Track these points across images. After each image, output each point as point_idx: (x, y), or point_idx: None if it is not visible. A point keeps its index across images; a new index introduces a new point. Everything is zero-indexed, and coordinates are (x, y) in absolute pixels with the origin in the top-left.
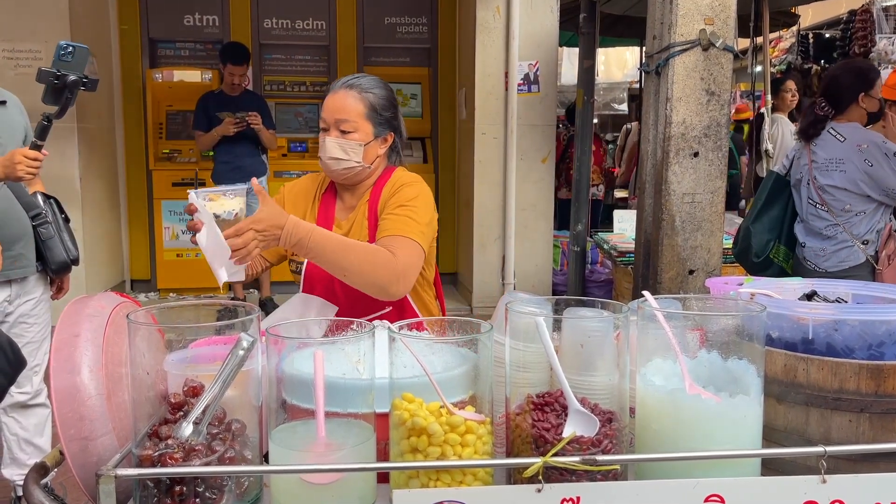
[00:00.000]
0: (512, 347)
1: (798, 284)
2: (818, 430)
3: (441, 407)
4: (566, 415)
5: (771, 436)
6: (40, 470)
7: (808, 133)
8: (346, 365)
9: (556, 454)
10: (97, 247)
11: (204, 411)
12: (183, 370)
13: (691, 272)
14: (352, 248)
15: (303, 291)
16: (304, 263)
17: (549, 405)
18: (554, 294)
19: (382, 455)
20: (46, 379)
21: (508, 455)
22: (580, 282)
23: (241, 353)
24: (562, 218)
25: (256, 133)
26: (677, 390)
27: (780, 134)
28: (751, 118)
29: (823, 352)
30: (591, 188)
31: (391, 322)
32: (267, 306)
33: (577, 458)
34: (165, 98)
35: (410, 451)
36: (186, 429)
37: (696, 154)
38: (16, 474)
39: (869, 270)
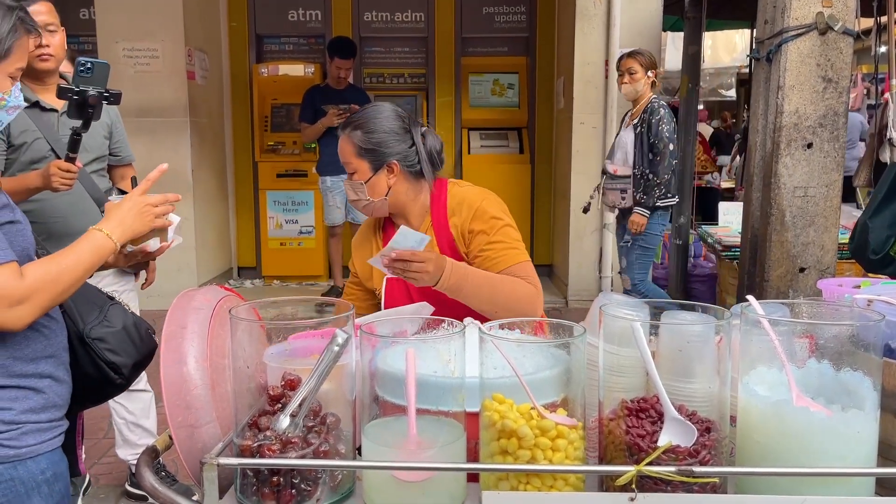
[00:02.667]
0: (606, 351)
1: None
2: None
3: (532, 409)
4: (662, 422)
5: (889, 453)
6: (151, 454)
7: None
8: (437, 363)
9: (650, 463)
10: (207, 235)
11: (300, 404)
12: (281, 363)
13: (802, 270)
14: (499, 285)
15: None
16: (382, 300)
17: (645, 411)
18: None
19: (472, 454)
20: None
21: (601, 461)
22: (682, 276)
23: (336, 348)
24: None
25: None
26: (783, 401)
27: None
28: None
29: None
30: (705, 176)
31: None
32: None
33: (672, 469)
34: (270, 92)
35: (500, 452)
36: (284, 421)
37: (809, 145)
38: (129, 454)
39: None
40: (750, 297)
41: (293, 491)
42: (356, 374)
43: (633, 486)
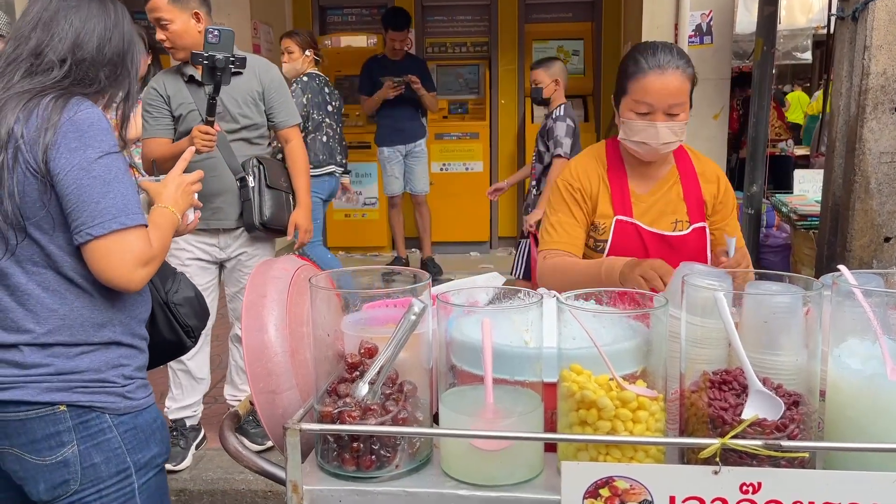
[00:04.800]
0: (688, 322)
1: None
2: None
3: (610, 380)
4: (746, 395)
5: None
6: (234, 418)
7: None
8: (513, 333)
9: (735, 437)
10: None
11: (378, 372)
12: (359, 332)
13: (887, 240)
14: None
15: None
16: (609, 242)
17: (728, 384)
18: None
19: (550, 424)
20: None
21: (682, 434)
22: (754, 247)
23: (413, 317)
24: (740, 178)
25: (417, 96)
26: (878, 375)
27: None
28: None
29: None
30: (778, 144)
31: None
32: (429, 266)
33: (759, 443)
34: (334, 63)
35: (579, 423)
36: (363, 388)
37: None
38: (230, 394)
39: None
40: (842, 267)
41: (373, 457)
42: (433, 342)
43: (717, 459)
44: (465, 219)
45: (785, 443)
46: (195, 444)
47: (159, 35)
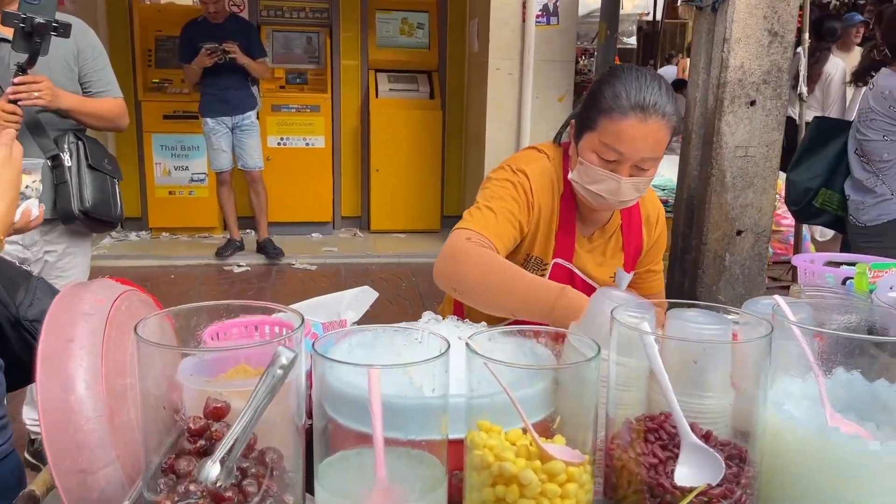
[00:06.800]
0: (613, 359)
1: None
2: None
3: (524, 433)
4: (676, 444)
5: None
6: (29, 501)
7: (861, 79)
8: (405, 381)
9: None
10: None
11: (232, 446)
12: (203, 384)
13: (739, 233)
14: None
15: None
16: (549, 271)
17: (653, 432)
18: None
19: (452, 489)
20: None
21: (606, 496)
22: None
23: (280, 372)
24: None
25: (240, 64)
26: (827, 428)
27: (830, 77)
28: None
29: None
30: None
31: None
32: (267, 248)
33: None
34: (154, 23)
35: (494, 501)
36: (212, 469)
37: (752, 102)
38: (29, 417)
39: None
40: (777, 298)
41: None
42: (304, 391)
43: None
44: (305, 198)
45: None
46: None
47: None
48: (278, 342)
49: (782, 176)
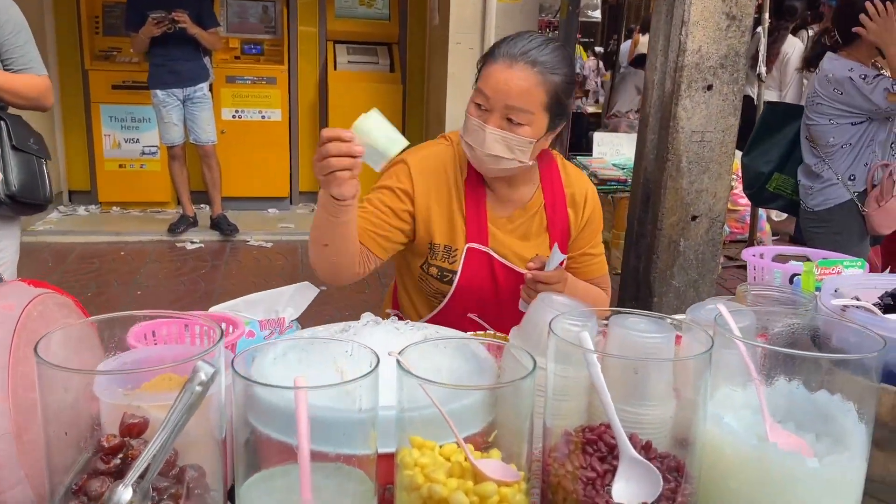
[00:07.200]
0: (551, 369)
1: (880, 280)
2: None
3: (458, 448)
4: (615, 456)
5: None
6: None
7: (812, 64)
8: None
9: None
10: None
11: (148, 468)
12: (119, 398)
13: (694, 218)
14: (586, 299)
15: (449, 302)
16: (458, 275)
17: (592, 444)
18: None
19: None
20: None
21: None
22: None
23: (199, 388)
24: None
25: (190, 34)
26: (766, 444)
27: (787, 56)
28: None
29: None
30: (575, 101)
31: None
32: (221, 224)
33: None
34: None
35: None
36: (123, 494)
37: (709, 87)
38: None
39: (855, 212)
40: (720, 306)
41: None
42: (226, 402)
43: None
44: (261, 172)
45: None
46: None
47: None
48: (198, 357)
49: (739, 156)
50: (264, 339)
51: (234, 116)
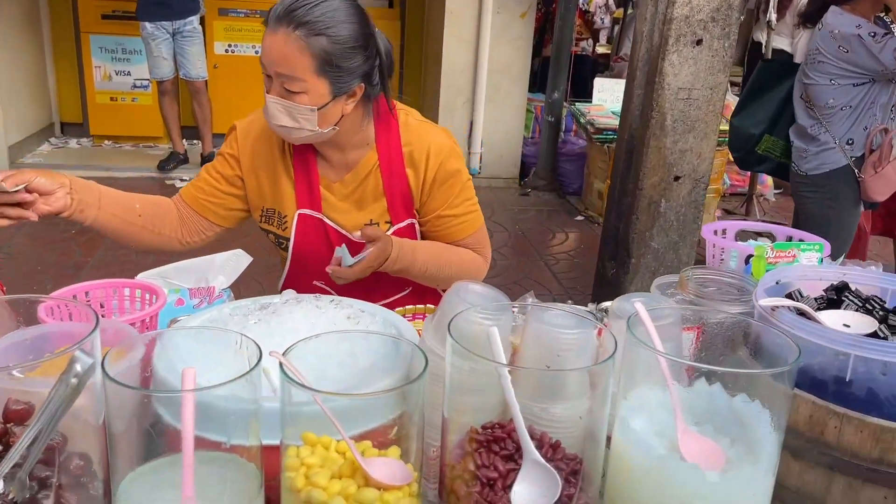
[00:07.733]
0: (452, 364)
1: (827, 272)
2: (842, 501)
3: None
4: (520, 455)
5: (779, 493)
6: None
7: (810, 19)
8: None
9: None
10: (16, 85)
11: (24, 458)
12: (7, 381)
13: (677, 178)
14: (447, 264)
15: (290, 271)
16: (292, 240)
17: (499, 442)
18: (523, 166)
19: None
20: None
21: (441, 498)
22: (552, 155)
23: (74, 381)
24: (543, 78)
25: None
26: (669, 455)
27: (802, 4)
28: None
29: (863, 398)
30: (580, 42)
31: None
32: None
33: None
34: None
35: None
36: None
37: (699, 42)
38: None
39: (851, 178)
40: (637, 304)
41: None
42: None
43: None
44: (255, 108)
45: None
46: None
47: None
48: (77, 348)
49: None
50: (194, 308)
51: (227, 51)
